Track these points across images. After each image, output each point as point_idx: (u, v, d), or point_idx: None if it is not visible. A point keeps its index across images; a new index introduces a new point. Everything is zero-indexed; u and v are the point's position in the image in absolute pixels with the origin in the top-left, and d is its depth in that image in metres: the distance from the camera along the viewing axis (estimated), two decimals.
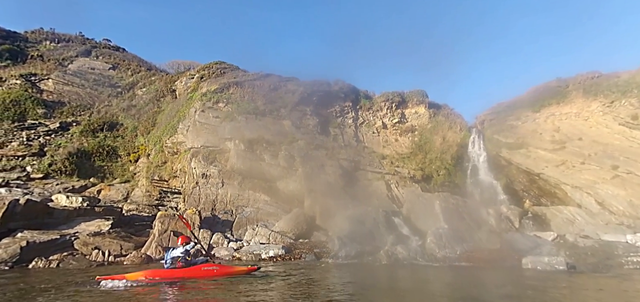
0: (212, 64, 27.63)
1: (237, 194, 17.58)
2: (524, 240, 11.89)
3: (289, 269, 8.96)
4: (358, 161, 19.60)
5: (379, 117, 23.40)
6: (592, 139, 19.90)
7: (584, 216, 16.86)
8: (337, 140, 21.53)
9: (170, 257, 7.91)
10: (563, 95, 22.12)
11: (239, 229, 15.29)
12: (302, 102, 23.19)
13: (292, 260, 11.24)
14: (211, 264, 8.05)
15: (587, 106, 21.05)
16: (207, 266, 7.96)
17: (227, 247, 12.83)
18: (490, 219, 14.63)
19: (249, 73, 26.92)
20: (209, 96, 22.05)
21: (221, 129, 19.94)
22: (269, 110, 22.02)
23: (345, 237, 12.66)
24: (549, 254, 9.48)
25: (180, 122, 21.20)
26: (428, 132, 22.21)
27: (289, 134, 20.72)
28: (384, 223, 14.20)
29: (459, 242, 11.96)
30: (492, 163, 20.09)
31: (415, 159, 19.95)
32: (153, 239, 12.90)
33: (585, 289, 7.26)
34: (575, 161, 19.53)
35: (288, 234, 14.09)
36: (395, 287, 7.23)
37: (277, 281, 7.56)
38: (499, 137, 20.94)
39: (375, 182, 18.30)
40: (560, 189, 18.55)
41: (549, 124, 21.38)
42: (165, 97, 26.07)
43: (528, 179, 19.25)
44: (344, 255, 11.17)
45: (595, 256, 11.36)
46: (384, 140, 22.06)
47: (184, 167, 19.06)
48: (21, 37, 30.03)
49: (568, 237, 13.22)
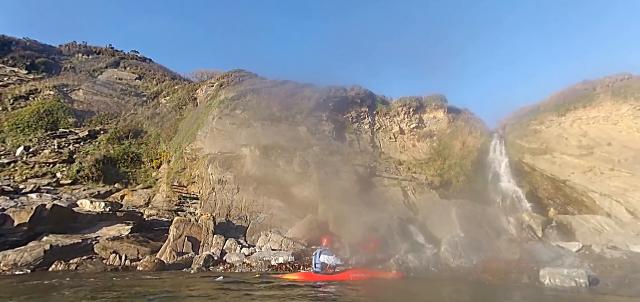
0: (232, 73, 28.45)
1: (252, 200, 17.87)
2: (546, 250, 11.32)
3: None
4: (374, 167, 19.43)
5: (396, 123, 23.14)
6: (623, 145, 18.76)
7: (613, 225, 15.81)
8: (353, 146, 21.47)
9: (319, 263, 8.48)
10: (590, 99, 21.00)
11: (253, 235, 15.51)
12: (318, 108, 23.33)
13: (301, 267, 11.28)
14: (359, 271, 8.63)
15: (617, 110, 19.91)
16: (355, 272, 8.51)
17: (239, 254, 13.06)
18: (510, 228, 14.03)
19: (267, 80, 27.49)
20: (226, 103, 22.67)
21: (238, 136, 20.41)
22: (285, 116, 22.31)
23: (357, 245, 12.57)
24: (571, 266, 8.96)
25: (199, 130, 21.89)
26: (447, 137, 21.70)
27: (304, 140, 20.89)
28: (399, 231, 13.96)
29: (475, 252, 11.56)
30: (515, 169, 19.30)
31: (434, 165, 19.53)
32: (168, 244, 13.36)
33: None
34: (604, 167, 18.44)
35: (301, 241, 14.15)
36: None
37: (275, 290, 7.61)
38: (522, 143, 20.11)
39: (392, 188, 18.06)
40: (588, 197, 17.54)
41: (575, 129, 20.34)
42: (188, 105, 27.07)
43: (553, 186, 18.33)
44: (354, 263, 11.09)
45: (622, 269, 10.63)
46: (402, 146, 21.76)
47: (201, 174, 19.63)
48: (56, 50, 32.23)
49: (594, 248, 12.44)
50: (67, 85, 25.28)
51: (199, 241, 14.28)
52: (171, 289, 7.50)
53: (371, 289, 7.58)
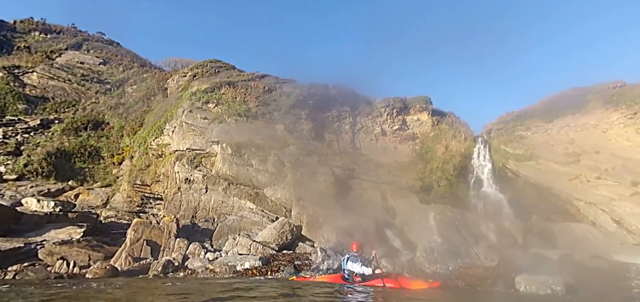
0: (207, 62, 28.06)
1: (221, 201, 17.54)
2: (524, 257, 11.54)
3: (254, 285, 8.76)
4: (353, 168, 19.43)
5: (378, 124, 23.27)
6: (611, 153, 19.39)
7: (597, 234, 16.36)
8: (331, 147, 21.43)
9: (347, 269, 8.46)
10: (580, 106, 21.71)
11: (220, 238, 15.17)
12: (298, 106, 23.22)
13: (269, 273, 11.07)
14: (386, 280, 8.26)
15: (607, 117, 20.59)
16: (387, 281, 8.19)
17: (202, 258, 12.71)
18: (490, 234, 14.27)
19: (244, 73, 27.25)
20: (198, 96, 22.24)
21: (209, 131, 20.01)
22: (261, 113, 22.08)
23: (329, 249, 12.47)
24: (548, 273, 9.12)
25: (167, 123, 21.37)
26: (430, 140, 21.98)
27: (280, 138, 20.70)
28: (375, 235, 13.94)
29: (452, 257, 11.66)
30: (498, 175, 19.74)
31: (415, 168, 19.71)
32: (123, 249, 12.87)
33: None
34: (590, 175, 19.03)
35: (271, 245, 13.93)
36: None
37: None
38: (507, 148, 20.60)
39: (370, 191, 18.09)
40: (572, 205, 18.08)
41: (562, 136, 20.98)
42: (156, 95, 26.43)
43: (537, 193, 18.82)
44: (325, 268, 10.97)
45: (603, 278, 10.95)
46: (383, 148, 21.88)
47: (167, 171, 19.14)
48: (9, 26, 30.81)
49: (576, 256, 12.79)
50: (18, 66, 24.16)
51: (159, 245, 13.84)
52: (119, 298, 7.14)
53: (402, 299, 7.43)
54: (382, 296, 7.46)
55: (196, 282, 9.36)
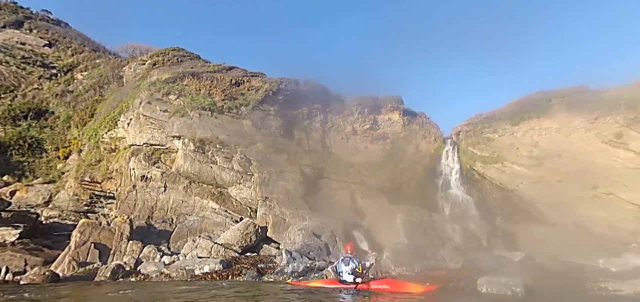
0: (169, 50, 26.95)
1: (181, 200, 16.92)
2: (488, 259, 12.08)
3: (212, 290, 8.50)
4: (322, 168, 19.45)
5: (349, 122, 23.46)
6: (573, 157, 20.67)
7: (557, 236, 17.43)
8: (301, 145, 21.32)
9: (342, 271, 8.61)
10: (545, 109, 22.93)
11: (178, 240, 14.65)
12: (267, 101, 22.89)
13: (230, 277, 10.80)
14: (382, 281, 8.61)
15: (570, 122, 21.83)
16: (377, 283, 8.50)
17: (157, 262, 12.18)
18: (456, 236, 14.84)
19: (210, 64, 26.46)
20: (158, 86, 21.27)
21: (169, 125, 19.21)
22: (227, 107, 21.51)
23: (295, 252, 12.38)
24: (509, 275, 9.57)
25: (122, 115, 20.30)
26: (401, 140, 22.49)
27: (247, 135, 20.31)
28: (342, 236, 14.06)
29: (418, 259, 11.98)
30: (465, 177, 20.57)
31: (385, 168, 20.07)
32: (67, 252, 12.07)
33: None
34: (552, 178, 20.26)
35: (234, 247, 13.62)
36: None
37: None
38: (474, 150, 21.50)
39: (340, 191, 18.20)
40: (535, 208, 19.20)
41: (527, 139, 22.16)
42: (111, 84, 25.05)
43: (502, 195, 19.83)
44: (290, 271, 10.85)
45: (562, 279, 11.65)
46: (353, 147, 22.09)
47: (121, 168, 18.17)
48: None
49: (537, 258, 13.57)
50: None
51: (108, 248, 13.14)
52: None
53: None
54: (379, 300, 7.59)
55: (147, 288, 8.92)
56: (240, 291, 8.22)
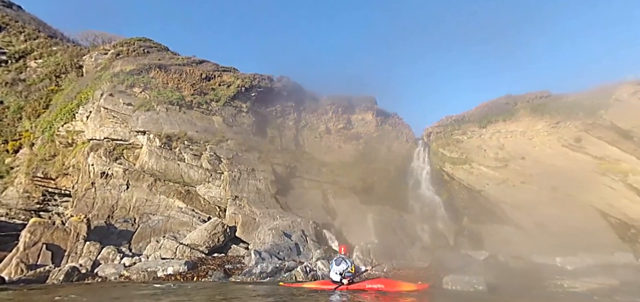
0: (134, 40, 25.79)
1: (145, 199, 16.26)
2: (454, 258, 12.52)
3: (172, 292, 8.22)
4: (295, 166, 19.37)
5: (323, 121, 23.53)
6: (535, 159, 21.87)
7: (520, 236, 18.40)
8: (274, 143, 21.13)
9: (335, 272, 8.64)
10: (510, 113, 24.09)
11: (141, 241, 14.06)
12: (239, 97, 22.49)
13: (196, 278, 10.50)
14: (376, 281, 8.83)
15: (533, 125, 23.08)
16: (371, 282, 8.74)
17: (116, 264, 11.62)
18: (424, 235, 15.28)
19: (179, 56, 25.60)
20: (122, 78, 20.29)
21: (133, 120, 18.40)
22: (197, 102, 20.92)
23: (265, 252, 12.24)
24: (473, 273, 9.96)
25: (80, 107, 19.23)
26: (374, 141, 22.85)
27: (218, 131, 19.88)
28: (314, 236, 14.06)
29: (387, 258, 12.20)
30: (435, 177, 21.23)
31: (358, 168, 20.31)
32: (15, 254, 11.27)
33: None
34: (516, 180, 21.35)
35: (200, 247, 13.26)
36: None
37: None
38: (444, 152, 22.24)
39: (312, 191, 18.21)
40: (499, 208, 20.14)
41: (494, 141, 23.22)
42: (68, 73, 23.66)
43: (469, 195, 20.64)
44: (258, 272, 10.72)
45: (524, 277, 12.26)
46: (327, 147, 22.18)
47: (78, 163, 17.20)
48: None
49: (500, 257, 14.20)
50: None
51: (63, 249, 12.40)
52: None
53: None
54: (372, 299, 7.74)
55: (101, 292, 8.48)
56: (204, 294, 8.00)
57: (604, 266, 13.07)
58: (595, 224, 17.08)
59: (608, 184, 17.84)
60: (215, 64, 25.11)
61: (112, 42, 26.30)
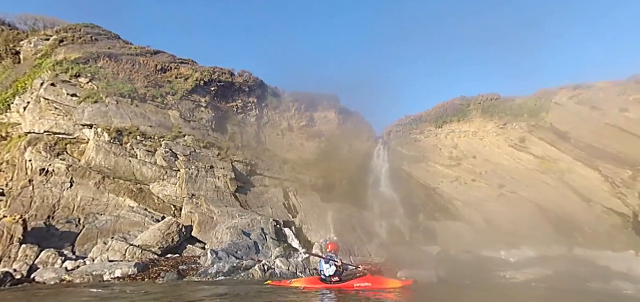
0: (80, 26, 24.03)
1: (92, 197, 15.28)
2: (409, 253, 13.12)
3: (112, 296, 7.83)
4: (256, 164, 19.18)
5: (285, 118, 23.49)
6: (485, 158, 23.42)
7: (469, 231, 19.63)
8: (234, 139, 20.75)
9: (324, 270, 8.87)
10: (464, 114, 25.58)
11: (86, 243, 13.20)
12: (197, 91, 21.82)
13: (146, 280, 10.09)
14: (363, 279, 8.94)
15: (484, 126, 24.67)
16: (358, 281, 8.86)
17: (57, 268, 10.85)
18: (382, 232, 15.86)
19: (132, 46, 24.27)
20: (66, 66, 18.90)
21: (78, 112, 17.23)
22: (151, 95, 20.00)
23: (222, 251, 12.05)
24: (425, 268, 10.53)
25: (17, 97, 17.75)
26: (336, 138, 23.21)
27: (174, 127, 19.18)
28: (274, 234, 14.05)
29: (346, 255, 12.53)
30: (394, 175, 22.04)
31: (320, 166, 20.54)
32: None
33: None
34: (467, 177, 22.73)
35: (153, 248, 12.73)
36: None
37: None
38: (403, 150, 23.14)
39: (273, 188, 18.14)
40: (452, 205, 21.36)
41: (448, 140, 24.53)
42: (3, 60, 21.65)
43: (425, 193, 21.68)
44: (214, 272, 10.53)
45: (471, 269, 13.15)
46: (289, 144, 22.18)
47: (13, 158, 15.82)
48: None
49: (451, 251, 15.09)
50: None
51: None
52: None
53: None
54: (359, 296, 7.91)
55: (35, 299, 7.88)
56: (150, 296, 7.71)
57: (542, 257, 14.37)
58: (536, 219, 18.65)
59: (547, 181, 19.54)
60: (172, 56, 24.14)
61: (55, 27, 24.25)
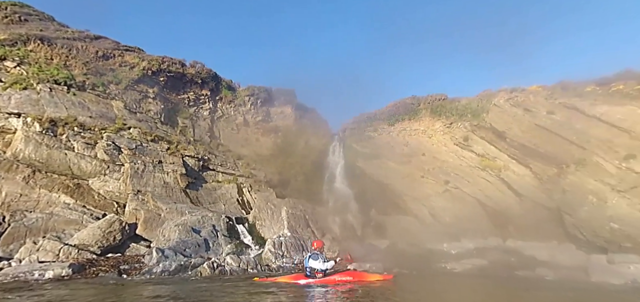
0: (7, 5, 21.63)
1: (20, 193, 13.92)
2: (359, 248, 13.58)
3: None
4: (209, 159, 18.60)
5: (241, 113, 23.03)
6: (433, 156, 24.78)
7: (417, 226, 20.75)
8: (185, 133, 19.95)
9: (309, 267, 9.23)
10: (415, 113, 26.86)
11: (12, 243, 11.98)
12: (145, 81, 20.65)
13: (82, 281, 9.43)
14: (345, 274, 9.47)
15: (432, 125, 26.09)
16: (340, 275, 9.35)
17: None
18: (335, 227, 16.24)
19: (68, 29, 22.33)
20: None
21: (4, 99, 15.56)
22: (91, 83, 18.59)
23: (169, 249, 11.60)
24: (374, 261, 10.97)
25: None
26: (292, 135, 23.24)
27: (118, 118, 18.00)
28: (225, 231, 13.78)
29: (298, 251, 12.66)
30: (349, 172, 22.61)
31: (275, 162, 20.46)
32: None
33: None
34: (417, 174, 23.93)
35: (91, 248, 11.91)
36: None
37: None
38: (358, 147, 23.79)
39: (226, 184, 17.73)
40: (402, 200, 22.39)
41: (400, 138, 25.65)
42: None
43: (378, 189, 22.49)
44: (160, 271, 10.13)
45: (416, 261, 13.94)
46: (244, 139, 21.80)
47: None
48: None
49: (399, 245, 15.86)
50: None
51: None
52: None
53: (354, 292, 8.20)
54: (341, 291, 8.25)
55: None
56: (80, 298, 7.23)
57: (480, 249, 15.64)
58: (476, 213, 20.18)
59: (486, 178, 21.20)
60: (115, 42, 22.61)
61: None
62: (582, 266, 12.32)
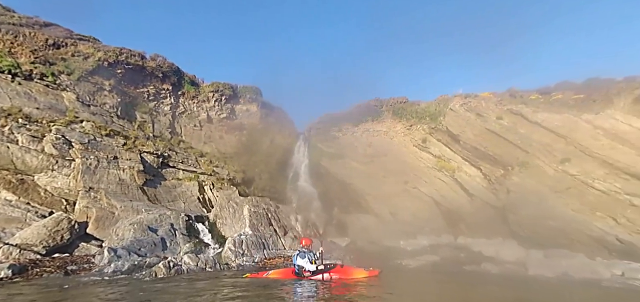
0: None
1: None
2: (317, 245, 13.71)
3: None
4: (169, 156, 17.92)
5: (204, 109, 22.41)
6: (394, 156, 25.60)
7: (377, 224, 21.33)
8: (144, 129, 19.09)
9: (297, 265, 9.28)
10: (378, 114, 27.65)
11: None
12: (100, 72, 19.50)
13: (23, 283, 8.78)
14: (332, 270, 9.41)
15: (394, 127, 26.99)
16: (333, 272, 9.35)
17: None
18: (297, 226, 16.31)
19: (15, 14, 20.61)
20: None
21: None
22: (39, 73, 17.28)
23: (122, 249, 11.09)
24: (333, 259, 11.15)
25: None
26: (257, 133, 23.00)
27: (69, 111, 16.90)
28: (184, 230, 13.38)
29: (259, 249, 12.58)
30: (313, 171, 22.78)
31: (239, 160, 20.13)
32: None
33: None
34: (379, 174, 24.61)
35: (35, 247, 11.09)
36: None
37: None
38: (322, 147, 24.03)
39: (187, 182, 17.20)
40: (364, 199, 22.94)
41: (364, 139, 26.26)
42: None
43: (341, 188, 22.88)
44: (111, 271, 9.65)
45: (374, 258, 14.35)
46: (207, 136, 21.23)
47: None
48: None
49: (359, 242, 16.25)
50: None
51: None
52: None
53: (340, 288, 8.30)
54: (329, 286, 8.35)
55: None
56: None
57: (433, 246, 16.41)
58: (431, 212, 21.14)
59: (442, 178, 22.27)
60: (68, 30, 21.19)
61: None
62: (522, 260, 13.32)
